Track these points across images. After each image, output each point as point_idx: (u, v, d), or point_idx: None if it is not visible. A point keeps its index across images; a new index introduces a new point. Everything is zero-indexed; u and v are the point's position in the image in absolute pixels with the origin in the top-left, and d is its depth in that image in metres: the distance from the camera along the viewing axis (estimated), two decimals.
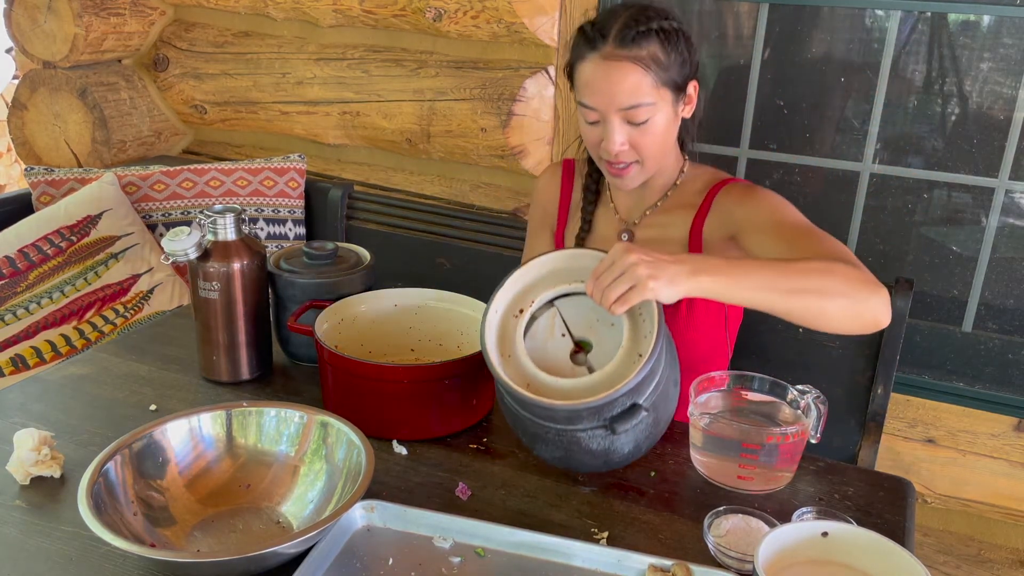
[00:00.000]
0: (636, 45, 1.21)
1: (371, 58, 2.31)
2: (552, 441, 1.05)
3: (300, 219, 2.25)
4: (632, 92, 1.22)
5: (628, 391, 0.98)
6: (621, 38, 1.22)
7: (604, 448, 1.04)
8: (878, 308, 1.06)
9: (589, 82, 1.25)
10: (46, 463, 1.06)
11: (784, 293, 1.03)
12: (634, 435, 1.04)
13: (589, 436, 1.02)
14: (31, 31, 2.40)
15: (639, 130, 1.26)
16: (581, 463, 1.08)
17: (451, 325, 1.34)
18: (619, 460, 1.08)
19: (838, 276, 1.05)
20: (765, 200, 1.28)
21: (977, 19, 1.90)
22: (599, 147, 1.30)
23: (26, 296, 1.92)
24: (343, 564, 0.93)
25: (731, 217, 1.30)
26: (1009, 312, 2.01)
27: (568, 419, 1.01)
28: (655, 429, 1.08)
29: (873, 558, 0.87)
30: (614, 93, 1.23)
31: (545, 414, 1.02)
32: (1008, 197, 1.94)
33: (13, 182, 3.90)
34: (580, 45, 1.27)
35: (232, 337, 1.29)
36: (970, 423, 1.99)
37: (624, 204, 1.44)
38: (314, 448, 1.05)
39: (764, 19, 2.01)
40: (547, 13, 2.08)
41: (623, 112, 1.24)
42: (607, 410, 1.00)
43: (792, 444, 1.09)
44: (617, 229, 1.44)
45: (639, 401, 1.01)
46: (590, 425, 1.01)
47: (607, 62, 1.23)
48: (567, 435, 1.03)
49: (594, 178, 1.47)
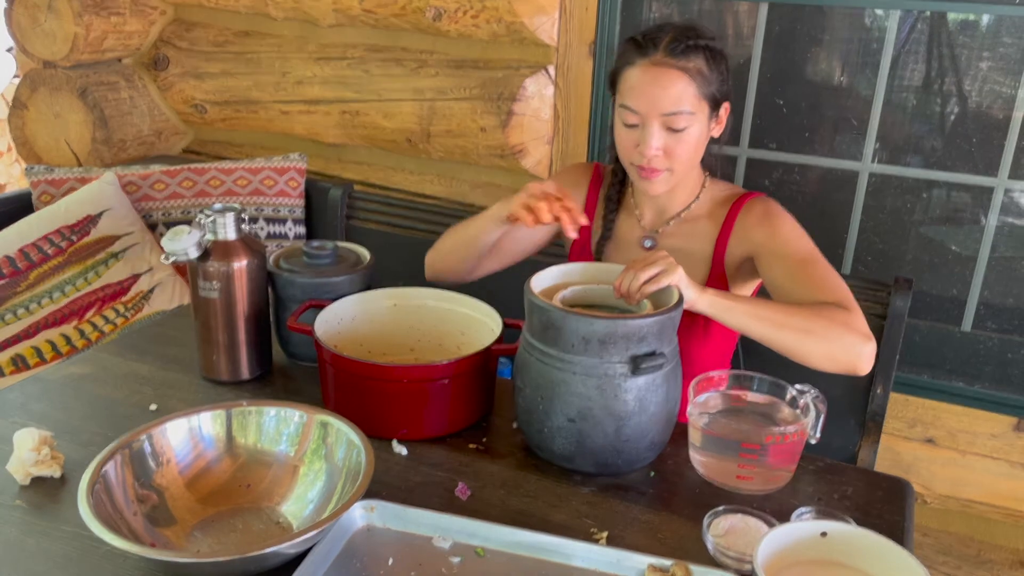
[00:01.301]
0: (685, 57, 1.29)
1: (371, 58, 2.31)
2: (568, 419, 1.09)
3: (300, 219, 2.25)
4: (676, 99, 1.29)
5: (657, 321, 1.06)
6: (671, 49, 1.29)
7: (615, 430, 1.08)
8: (859, 356, 1.19)
9: (636, 86, 1.31)
10: (46, 463, 1.06)
11: (772, 325, 1.18)
12: (647, 415, 1.09)
13: (611, 387, 1.06)
14: (31, 30, 2.40)
15: (675, 137, 1.31)
16: (592, 453, 1.10)
17: (451, 325, 1.34)
18: (629, 451, 1.10)
19: (827, 321, 1.18)
20: (782, 227, 1.36)
21: (976, 18, 1.90)
22: (634, 150, 1.34)
23: (26, 296, 1.92)
24: (343, 564, 0.93)
25: (750, 238, 1.38)
26: (1008, 311, 2.01)
27: (602, 342, 1.05)
28: (664, 416, 1.12)
29: (872, 558, 0.87)
30: (659, 98, 1.29)
31: (583, 331, 1.05)
32: (1007, 196, 1.94)
33: (13, 182, 3.90)
34: (630, 52, 1.33)
35: (232, 337, 1.29)
36: (970, 423, 1.99)
37: (649, 213, 1.47)
38: (314, 448, 1.06)
39: (764, 19, 2.01)
40: (547, 13, 2.08)
41: (664, 118, 1.30)
42: (636, 342, 1.05)
43: (791, 444, 1.09)
44: (640, 236, 1.47)
45: (663, 350, 1.07)
46: (617, 358, 1.05)
47: (656, 68, 1.29)
48: (589, 389, 1.07)
49: (617, 188, 1.49)
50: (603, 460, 1.11)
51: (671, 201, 1.45)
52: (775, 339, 1.18)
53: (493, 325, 1.27)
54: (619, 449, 1.10)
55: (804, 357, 1.19)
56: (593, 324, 1.05)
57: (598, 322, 1.05)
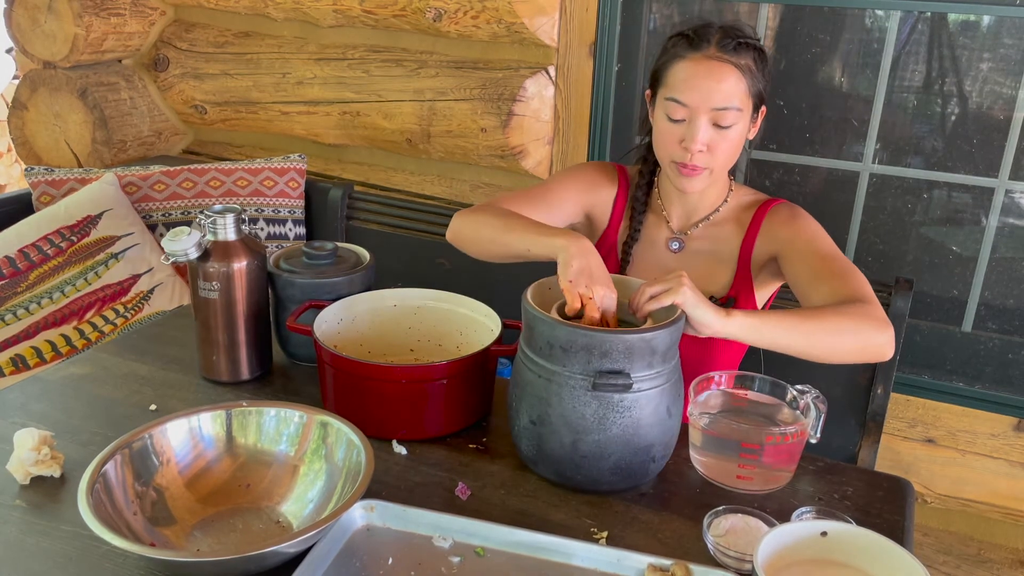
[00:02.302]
0: (736, 53, 1.29)
1: (371, 58, 2.32)
2: (531, 420, 1.07)
3: (300, 219, 2.25)
4: (728, 94, 1.28)
5: (622, 339, 1.01)
6: (723, 44, 1.29)
7: (571, 442, 1.05)
8: (883, 344, 1.18)
9: (687, 79, 1.30)
10: (46, 463, 1.06)
11: (802, 334, 1.15)
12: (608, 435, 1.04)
13: (570, 398, 1.04)
14: (31, 31, 2.41)
15: (721, 135, 1.31)
16: (552, 461, 1.08)
17: (451, 325, 1.34)
18: (589, 468, 1.07)
19: (851, 316, 1.17)
20: (806, 228, 1.37)
21: (977, 19, 1.90)
22: (677, 146, 1.33)
23: (26, 296, 1.92)
24: (343, 564, 0.93)
25: (775, 238, 1.38)
26: (1009, 312, 2.01)
27: (564, 348, 1.03)
28: (632, 444, 1.06)
29: (872, 558, 0.87)
30: (711, 91, 1.28)
31: (547, 334, 1.04)
32: (1008, 197, 1.94)
33: (13, 182, 3.90)
34: (679, 46, 1.33)
35: (232, 337, 1.29)
36: (970, 423, 1.99)
37: (677, 215, 1.47)
38: (314, 448, 1.06)
39: (764, 19, 2.01)
40: (547, 13, 2.08)
41: (713, 112, 1.29)
42: (598, 356, 1.02)
43: (792, 444, 1.09)
44: (667, 238, 1.46)
45: (630, 371, 1.02)
46: (579, 370, 1.03)
47: (710, 61, 1.29)
48: (550, 395, 1.05)
49: (644, 190, 1.48)
50: (563, 472, 1.08)
51: (701, 203, 1.44)
52: (807, 348, 1.15)
53: (492, 326, 1.27)
54: (577, 464, 1.06)
55: (838, 358, 1.18)
56: (555, 328, 1.04)
57: (560, 327, 1.03)
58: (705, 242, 1.44)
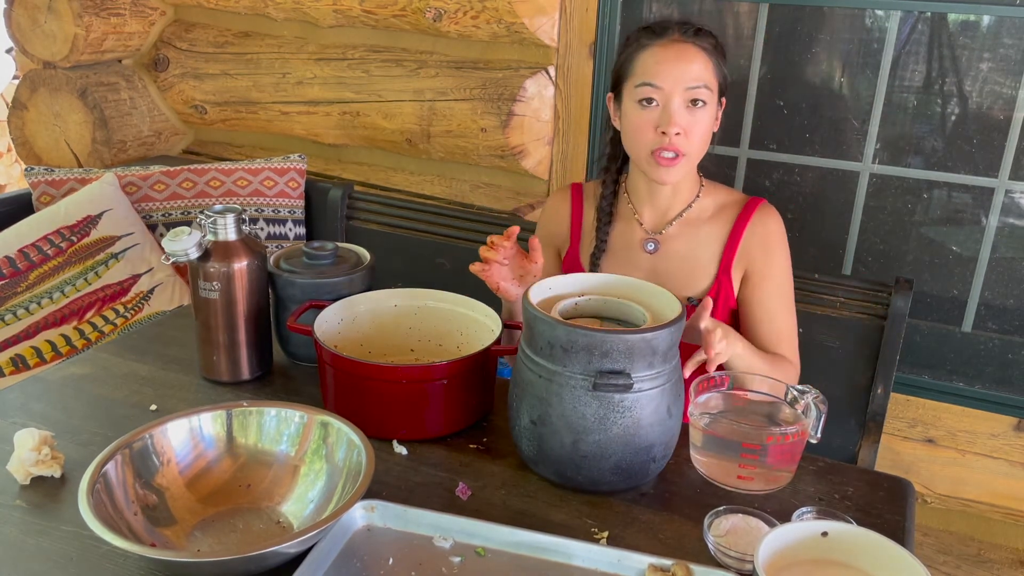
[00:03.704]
0: (699, 37, 1.35)
1: (371, 58, 2.31)
2: (531, 420, 1.07)
3: (300, 219, 2.25)
4: (699, 73, 1.33)
5: (623, 339, 1.02)
6: (685, 31, 1.35)
7: (572, 443, 1.05)
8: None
9: (658, 62, 1.34)
10: (46, 463, 1.06)
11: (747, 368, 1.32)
12: (609, 435, 1.04)
13: (571, 398, 1.04)
14: (31, 31, 2.41)
15: (695, 117, 1.34)
16: (553, 462, 1.08)
17: (451, 325, 1.34)
18: (590, 469, 1.06)
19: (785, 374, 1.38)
20: (777, 255, 1.44)
21: (977, 19, 1.90)
22: (653, 132, 1.34)
23: (26, 296, 1.92)
24: (343, 564, 0.93)
25: (751, 256, 1.43)
26: (1009, 312, 2.01)
27: (565, 348, 1.03)
28: (633, 444, 1.05)
29: (873, 558, 0.87)
30: (683, 71, 1.32)
31: (548, 334, 1.04)
32: (1008, 197, 1.94)
33: (13, 182, 3.91)
34: (640, 39, 1.37)
35: (232, 337, 1.29)
36: (970, 423, 1.99)
37: (649, 215, 1.48)
38: (314, 448, 1.05)
39: (764, 19, 2.01)
40: (547, 13, 2.08)
41: (687, 91, 1.33)
42: (599, 356, 1.02)
43: (792, 444, 1.09)
44: (641, 239, 1.47)
45: (630, 371, 1.02)
46: (580, 370, 1.03)
47: (676, 44, 1.34)
48: (550, 395, 1.05)
49: (609, 200, 1.49)
50: (563, 472, 1.08)
51: (674, 199, 1.45)
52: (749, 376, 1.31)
53: (492, 326, 1.27)
54: (578, 464, 1.06)
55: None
56: (556, 328, 1.04)
57: (560, 327, 1.03)
58: (682, 242, 1.45)
